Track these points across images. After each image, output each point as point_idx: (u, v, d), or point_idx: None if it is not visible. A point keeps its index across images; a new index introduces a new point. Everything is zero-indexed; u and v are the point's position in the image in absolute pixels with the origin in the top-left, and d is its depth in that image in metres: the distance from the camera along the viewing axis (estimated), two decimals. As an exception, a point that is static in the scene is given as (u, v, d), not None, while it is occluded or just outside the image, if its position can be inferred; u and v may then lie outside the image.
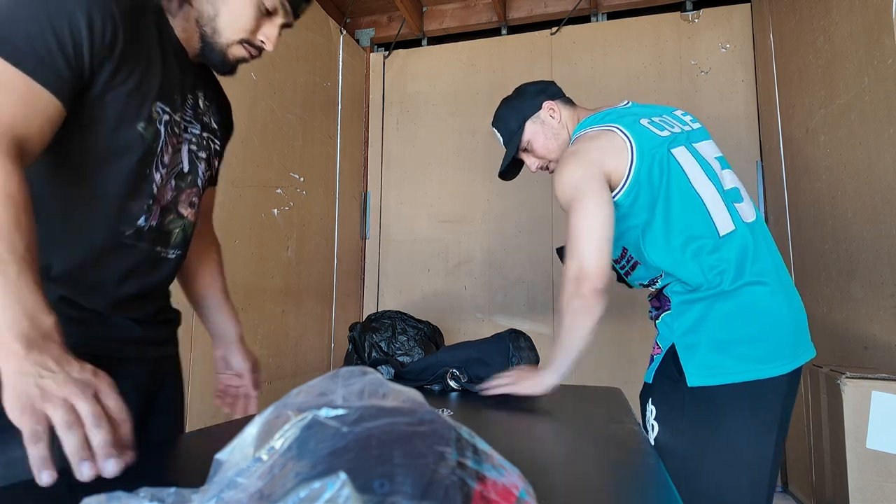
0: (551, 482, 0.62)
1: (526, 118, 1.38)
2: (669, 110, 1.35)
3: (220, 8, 0.84)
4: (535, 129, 1.38)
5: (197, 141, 0.93)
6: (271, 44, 0.89)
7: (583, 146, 1.21)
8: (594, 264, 1.11)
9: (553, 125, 1.38)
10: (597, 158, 1.17)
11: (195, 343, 2.18)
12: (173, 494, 0.38)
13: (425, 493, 0.29)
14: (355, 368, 0.42)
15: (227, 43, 0.86)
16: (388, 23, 3.71)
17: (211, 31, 0.85)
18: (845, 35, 2.07)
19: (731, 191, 1.21)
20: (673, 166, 1.18)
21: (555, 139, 1.38)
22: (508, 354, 1.37)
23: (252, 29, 0.86)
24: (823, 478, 1.77)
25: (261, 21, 0.87)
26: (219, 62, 0.89)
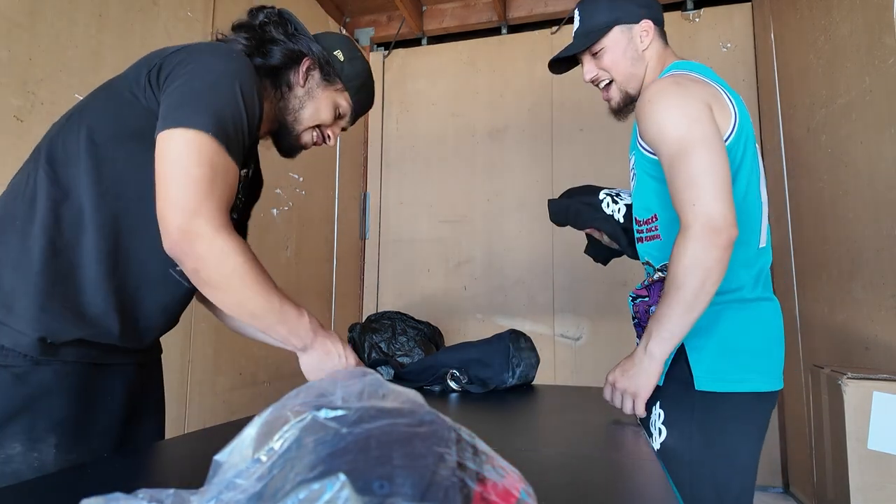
0: (551, 483, 0.62)
1: (618, 21, 1.17)
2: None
3: (306, 104, 1.02)
4: (618, 38, 1.18)
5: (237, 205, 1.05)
6: (334, 139, 1.09)
7: (692, 84, 1.06)
8: (729, 211, 0.96)
9: (637, 48, 1.18)
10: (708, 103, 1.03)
11: (194, 344, 2.18)
12: (172, 496, 0.38)
13: (425, 495, 0.29)
14: (355, 369, 0.41)
15: (302, 129, 1.03)
16: (388, 22, 3.71)
17: (293, 119, 1.02)
18: (846, 34, 2.07)
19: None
20: (755, 162, 1.11)
21: (630, 63, 1.18)
22: (509, 355, 1.37)
23: (327, 123, 1.05)
24: (825, 479, 1.76)
25: (334, 121, 1.07)
26: (288, 146, 1.05)
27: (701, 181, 0.97)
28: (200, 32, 2.24)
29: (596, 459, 0.75)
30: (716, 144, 1.00)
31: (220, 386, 2.33)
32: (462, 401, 1.23)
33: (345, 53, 1.04)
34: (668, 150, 1.03)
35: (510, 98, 3.52)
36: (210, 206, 0.75)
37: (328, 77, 1.02)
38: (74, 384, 0.81)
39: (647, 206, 1.18)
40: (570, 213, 1.47)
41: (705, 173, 0.97)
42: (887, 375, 1.57)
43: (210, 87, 0.79)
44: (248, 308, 0.80)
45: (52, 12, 1.62)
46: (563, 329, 3.25)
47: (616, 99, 1.22)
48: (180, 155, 0.75)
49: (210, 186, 0.76)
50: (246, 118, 0.83)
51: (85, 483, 0.60)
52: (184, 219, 0.74)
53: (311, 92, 1.02)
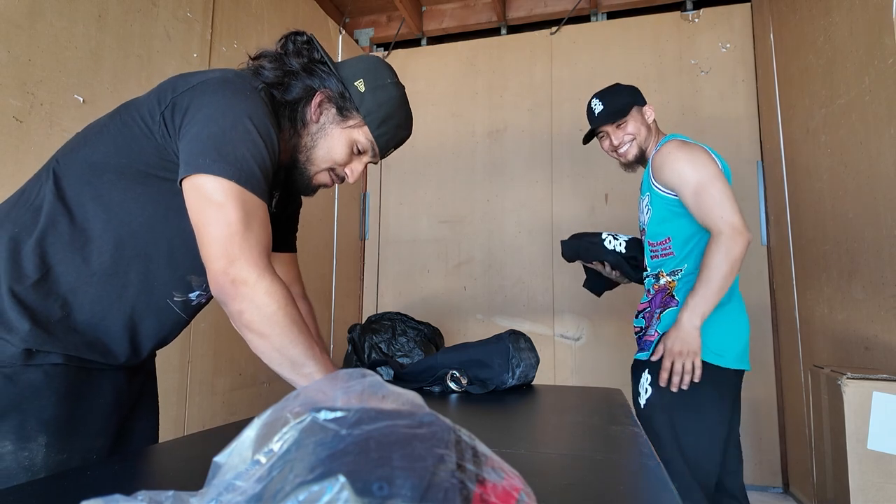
0: (551, 484, 0.62)
1: (636, 103, 1.67)
2: None
3: (318, 142, 0.96)
4: (636, 114, 1.67)
5: None
6: (354, 178, 1.01)
7: (692, 145, 1.56)
8: (742, 222, 1.45)
9: (649, 119, 1.68)
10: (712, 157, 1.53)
11: (194, 344, 2.18)
12: (171, 497, 0.38)
13: (424, 496, 0.29)
14: (355, 370, 0.41)
15: (315, 170, 0.98)
16: (388, 23, 3.71)
17: (305, 158, 0.97)
18: (846, 35, 2.07)
19: None
20: None
21: (646, 129, 1.67)
22: (508, 355, 1.37)
23: (342, 163, 0.98)
24: (825, 479, 1.76)
25: (351, 157, 0.99)
26: (303, 186, 1.00)
27: (724, 202, 1.44)
28: (200, 33, 2.24)
29: (596, 460, 0.75)
30: (723, 178, 1.48)
31: (220, 386, 2.33)
32: (462, 402, 1.23)
33: (368, 83, 0.95)
34: (690, 188, 1.49)
35: (510, 98, 3.52)
36: (249, 250, 0.78)
37: (344, 112, 0.95)
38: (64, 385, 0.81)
39: (662, 231, 1.60)
40: (580, 251, 1.85)
41: (725, 196, 1.44)
42: (887, 375, 1.57)
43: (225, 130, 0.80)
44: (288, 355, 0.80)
45: (52, 13, 1.62)
46: (562, 329, 3.25)
47: (633, 153, 1.67)
48: (214, 202, 0.78)
49: (246, 230, 0.78)
50: (267, 154, 0.83)
51: (84, 485, 0.60)
52: (226, 264, 0.77)
53: (325, 129, 0.96)
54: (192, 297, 0.94)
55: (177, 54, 2.12)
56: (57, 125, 1.62)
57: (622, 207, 3.24)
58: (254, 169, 0.81)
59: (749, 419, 2.94)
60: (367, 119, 0.95)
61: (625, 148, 1.66)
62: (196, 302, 0.96)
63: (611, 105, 1.65)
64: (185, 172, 0.79)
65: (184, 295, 0.93)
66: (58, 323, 0.81)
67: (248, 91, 0.85)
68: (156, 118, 0.83)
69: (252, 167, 0.80)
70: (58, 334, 0.81)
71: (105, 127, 0.88)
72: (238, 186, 0.79)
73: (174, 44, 2.11)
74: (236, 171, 0.79)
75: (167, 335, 0.96)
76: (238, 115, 0.81)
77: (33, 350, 0.78)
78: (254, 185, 0.80)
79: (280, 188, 1.04)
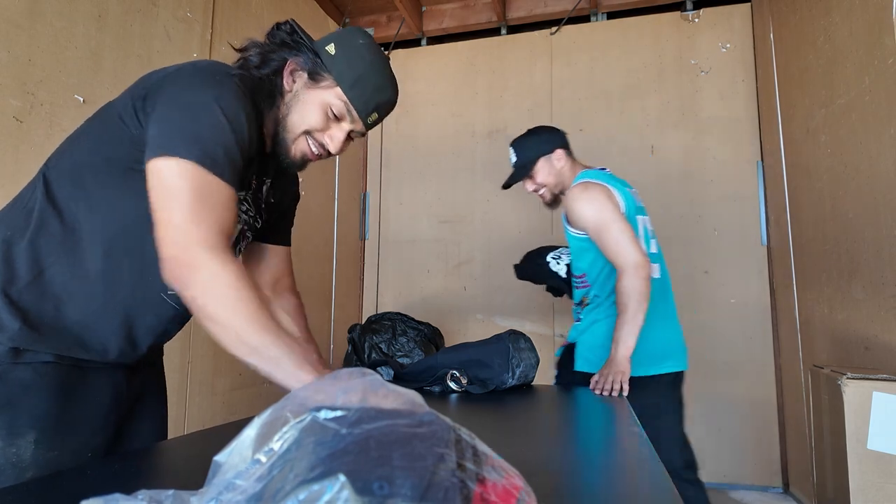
0: (551, 484, 0.62)
1: (541, 154, 1.79)
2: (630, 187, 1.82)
3: (292, 108, 0.94)
4: (544, 164, 1.80)
5: (250, 222, 1.02)
6: (335, 146, 0.96)
7: (600, 185, 1.69)
8: (642, 254, 1.57)
9: (556, 167, 1.79)
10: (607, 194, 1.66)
11: (194, 344, 2.18)
12: (171, 497, 0.38)
13: (424, 495, 0.29)
14: (355, 370, 0.41)
15: (292, 137, 0.95)
16: (388, 22, 3.71)
17: (282, 128, 0.95)
18: (846, 35, 2.07)
19: (652, 254, 1.75)
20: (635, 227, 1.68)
21: (554, 177, 1.80)
22: (508, 355, 1.37)
23: (318, 127, 0.94)
24: (825, 479, 1.76)
25: (328, 124, 0.95)
26: (284, 158, 0.97)
27: (621, 242, 1.58)
28: (199, 33, 2.24)
29: (596, 460, 0.75)
30: (620, 217, 1.62)
31: (220, 386, 2.33)
32: (462, 401, 1.23)
33: (339, 46, 0.93)
34: (592, 229, 1.65)
35: (510, 98, 3.52)
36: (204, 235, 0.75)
37: (315, 76, 0.93)
38: (55, 383, 0.81)
39: (579, 267, 1.80)
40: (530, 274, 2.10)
41: (622, 235, 1.59)
42: (887, 375, 1.57)
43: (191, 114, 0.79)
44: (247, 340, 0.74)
45: (52, 13, 1.62)
46: (562, 329, 3.25)
47: (547, 198, 1.84)
48: (170, 185, 0.75)
49: (202, 214, 0.75)
50: (233, 138, 0.81)
51: (85, 484, 0.60)
52: (179, 248, 0.74)
53: (297, 95, 0.94)
54: None
55: (177, 54, 2.12)
56: (57, 125, 1.62)
57: (622, 207, 3.24)
58: (217, 151, 0.78)
59: (749, 419, 2.94)
60: (339, 80, 0.92)
61: (539, 192, 1.84)
62: None
63: (520, 158, 1.81)
64: (147, 156, 0.78)
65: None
66: (51, 322, 0.81)
67: (220, 77, 0.84)
68: (129, 111, 0.82)
69: (215, 149, 0.78)
70: (48, 334, 0.81)
71: (88, 127, 0.88)
72: (199, 168, 0.76)
73: (174, 44, 2.11)
74: (198, 153, 0.77)
75: (166, 330, 0.95)
76: (205, 100, 0.80)
77: (20, 349, 0.78)
78: (217, 168, 0.78)
79: (271, 174, 1.03)
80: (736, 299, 3.02)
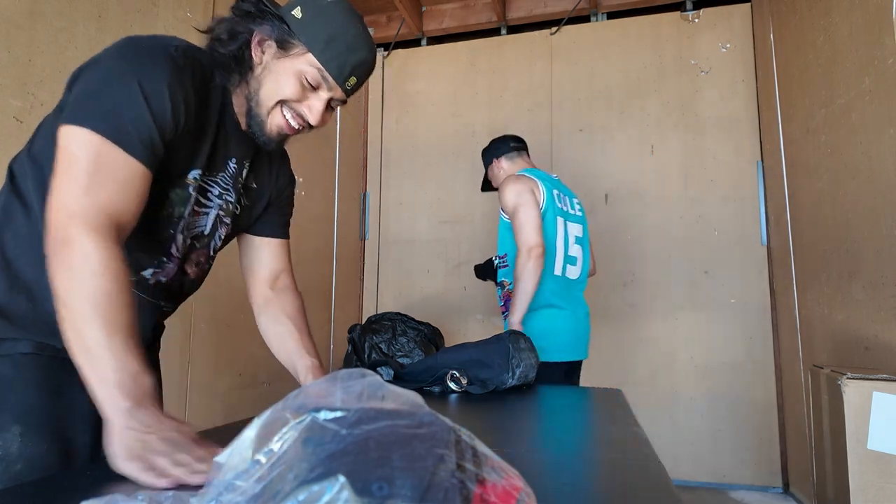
0: (551, 484, 0.62)
1: (488, 163, 2.20)
2: (570, 195, 2.12)
3: (263, 81, 0.88)
4: (492, 168, 2.19)
5: (226, 207, 0.97)
6: (314, 116, 0.90)
7: (524, 178, 1.98)
8: (537, 241, 1.86)
9: (496, 170, 2.17)
10: (529, 187, 1.94)
11: (194, 344, 2.18)
12: (171, 497, 0.38)
13: (424, 496, 0.29)
14: (354, 370, 0.41)
15: (266, 111, 0.89)
16: (388, 22, 3.71)
17: (255, 103, 0.89)
18: (845, 35, 2.07)
19: (570, 257, 2.00)
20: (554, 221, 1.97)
21: (497, 176, 2.16)
22: (508, 356, 1.37)
23: (293, 98, 0.88)
24: (825, 479, 1.76)
25: (305, 94, 0.89)
26: (260, 133, 0.91)
27: (525, 226, 1.87)
28: (199, 33, 2.24)
29: (596, 460, 0.75)
30: (533, 206, 1.89)
31: (220, 387, 2.33)
32: (462, 402, 1.23)
33: (305, 9, 0.87)
34: (510, 212, 1.94)
35: (510, 98, 3.52)
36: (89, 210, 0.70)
37: (284, 44, 0.87)
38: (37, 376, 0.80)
39: (502, 247, 2.06)
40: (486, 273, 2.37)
41: (527, 221, 1.87)
42: (887, 375, 1.57)
43: (108, 87, 0.75)
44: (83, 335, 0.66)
45: (52, 13, 1.62)
46: (562, 329, 3.25)
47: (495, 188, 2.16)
48: (69, 154, 0.72)
49: (94, 187, 0.71)
50: (148, 115, 0.75)
51: (85, 484, 0.60)
52: (59, 219, 0.69)
53: (268, 67, 0.88)
54: (145, 275, 0.88)
55: (177, 54, 2.12)
56: (57, 125, 1.62)
57: (622, 207, 3.24)
58: (126, 126, 0.73)
59: (749, 419, 2.94)
60: (310, 45, 0.86)
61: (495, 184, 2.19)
62: (153, 280, 0.89)
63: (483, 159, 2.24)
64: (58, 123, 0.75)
65: (135, 274, 0.86)
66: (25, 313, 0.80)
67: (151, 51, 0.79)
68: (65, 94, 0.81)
69: (124, 124, 0.73)
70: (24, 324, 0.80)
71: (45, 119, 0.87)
72: (101, 139, 0.72)
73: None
74: (104, 125, 0.72)
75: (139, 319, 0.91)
76: (124, 76, 0.75)
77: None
78: (124, 143, 0.73)
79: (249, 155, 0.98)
80: (736, 299, 3.02)
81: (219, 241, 0.99)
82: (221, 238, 1.00)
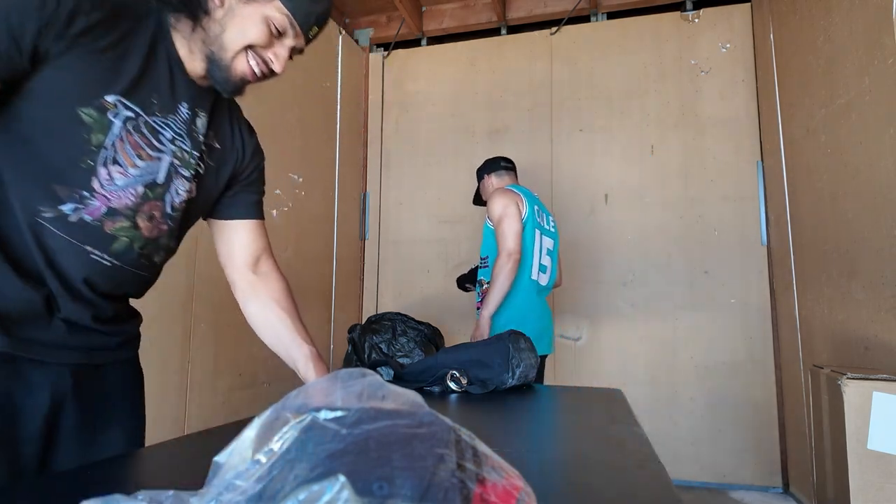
0: (552, 484, 0.62)
1: (480, 178, 2.48)
2: (546, 212, 2.36)
3: (227, 25, 0.85)
4: (484, 181, 2.45)
5: (182, 157, 0.90)
6: (280, 64, 0.89)
7: (506, 193, 2.23)
8: (516, 248, 2.11)
9: (486, 185, 2.44)
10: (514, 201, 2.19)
11: (194, 344, 2.18)
12: (171, 497, 0.38)
13: (424, 496, 0.29)
14: (354, 370, 0.41)
15: (231, 55, 0.86)
16: (388, 23, 3.71)
17: (217, 48, 0.86)
18: (846, 35, 2.07)
19: (541, 265, 2.24)
20: (533, 233, 2.21)
21: (486, 191, 2.44)
22: (508, 356, 1.37)
23: (260, 43, 0.86)
24: (825, 479, 1.76)
25: (271, 40, 0.87)
26: (222, 79, 0.88)
27: (506, 235, 2.12)
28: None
29: (596, 460, 0.75)
30: (516, 218, 2.14)
31: (220, 386, 2.33)
32: (462, 401, 1.23)
33: None
34: (495, 220, 2.18)
35: (510, 98, 3.52)
36: None
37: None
38: None
39: (484, 251, 2.32)
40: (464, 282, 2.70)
41: (509, 230, 2.12)
42: (887, 375, 1.57)
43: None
44: None
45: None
46: (563, 329, 3.25)
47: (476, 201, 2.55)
48: None
49: None
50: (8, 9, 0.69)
51: (84, 484, 0.60)
52: None
53: (232, 10, 0.85)
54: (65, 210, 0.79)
55: (177, 54, 2.12)
56: (57, 125, 1.62)
57: (622, 207, 3.24)
58: None
59: (749, 419, 2.94)
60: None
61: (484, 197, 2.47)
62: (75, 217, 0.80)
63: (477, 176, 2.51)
64: None
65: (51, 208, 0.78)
66: None
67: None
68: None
69: None
70: None
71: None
72: None
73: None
74: None
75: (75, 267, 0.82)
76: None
77: None
78: None
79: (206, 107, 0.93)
80: (736, 299, 3.02)
81: (176, 196, 0.91)
82: (179, 194, 0.92)
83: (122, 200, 0.84)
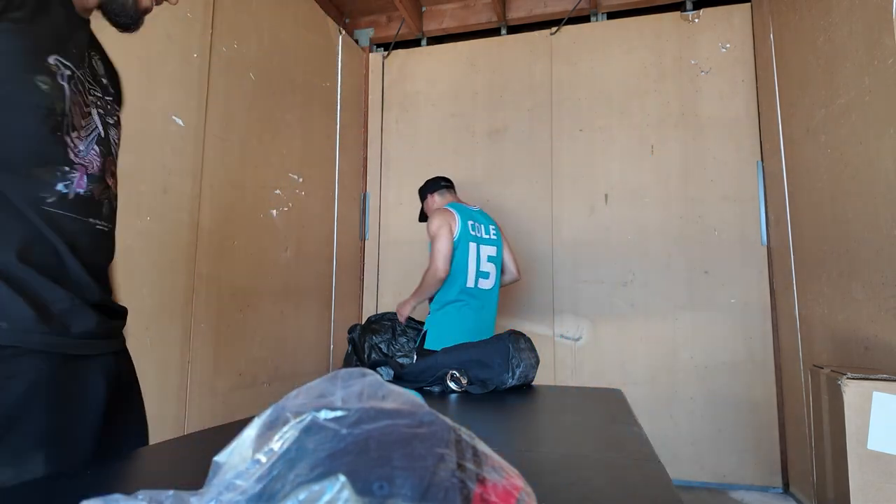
0: (552, 484, 0.62)
1: (423, 197, 2.69)
2: (486, 223, 2.55)
3: None
4: (427, 201, 2.66)
5: (103, 105, 0.87)
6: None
7: (442, 213, 2.46)
8: (443, 268, 2.36)
9: (429, 203, 2.64)
10: (447, 220, 2.41)
11: (194, 344, 2.18)
12: (171, 497, 0.38)
13: (424, 496, 0.29)
14: (354, 370, 0.41)
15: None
16: (388, 23, 3.71)
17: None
18: (845, 35, 2.07)
19: (482, 272, 2.44)
20: (466, 247, 2.41)
21: (428, 208, 2.63)
22: (508, 355, 1.37)
23: None
24: (825, 479, 1.76)
25: None
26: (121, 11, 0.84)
27: (437, 253, 2.37)
28: (199, 33, 2.24)
29: (596, 459, 0.75)
30: (447, 237, 2.38)
31: (220, 386, 2.33)
32: (462, 401, 1.23)
33: None
34: (430, 239, 2.42)
35: (510, 98, 3.52)
36: None
37: None
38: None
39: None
40: None
41: (440, 248, 2.36)
42: (887, 375, 1.57)
43: None
44: None
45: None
46: (563, 329, 3.25)
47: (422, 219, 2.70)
48: None
49: None
50: None
51: (84, 484, 0.60)
52: None
53: None
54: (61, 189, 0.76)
55: (177, 54, 2.12)
56: (57, 125, 1.62)
57: (622, 207, 3.24)
58: None
59: (749, 419, 2.94)
60: None
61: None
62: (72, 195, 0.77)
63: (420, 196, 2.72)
64: None
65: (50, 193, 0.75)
66: None
67: None
68: None
69: None
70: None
71: None
72: None
73: (174, 44, 2.11)
74: None
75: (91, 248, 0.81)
76: None
77: None
78: None
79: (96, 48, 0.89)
80: (736, 299, 3.02)
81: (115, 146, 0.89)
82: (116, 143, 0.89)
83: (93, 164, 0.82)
